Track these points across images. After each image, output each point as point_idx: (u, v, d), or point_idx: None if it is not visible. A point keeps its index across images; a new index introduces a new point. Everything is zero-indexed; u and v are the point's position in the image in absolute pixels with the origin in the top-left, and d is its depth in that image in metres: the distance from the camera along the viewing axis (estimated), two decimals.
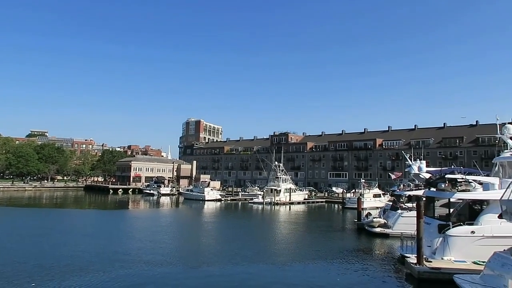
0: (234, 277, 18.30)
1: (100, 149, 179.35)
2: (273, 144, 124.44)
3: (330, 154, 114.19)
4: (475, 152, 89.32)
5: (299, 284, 17.41)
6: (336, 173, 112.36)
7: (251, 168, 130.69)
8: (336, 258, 22.97)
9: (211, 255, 23.45)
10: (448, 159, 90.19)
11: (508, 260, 14.23)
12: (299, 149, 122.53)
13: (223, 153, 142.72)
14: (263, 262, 21.63)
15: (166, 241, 28.26)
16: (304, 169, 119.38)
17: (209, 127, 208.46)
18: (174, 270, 19.13)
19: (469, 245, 18.84)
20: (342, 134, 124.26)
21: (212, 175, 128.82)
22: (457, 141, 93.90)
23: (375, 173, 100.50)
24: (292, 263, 21.69)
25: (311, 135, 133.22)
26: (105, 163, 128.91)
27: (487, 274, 14.86)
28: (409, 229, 23.28)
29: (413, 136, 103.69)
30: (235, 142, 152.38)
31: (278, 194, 68.75)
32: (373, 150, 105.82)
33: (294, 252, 25.40)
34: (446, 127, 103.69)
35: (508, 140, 22.39)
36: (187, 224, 41.94)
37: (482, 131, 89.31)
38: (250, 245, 27.23)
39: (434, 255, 19.53)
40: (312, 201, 76.46)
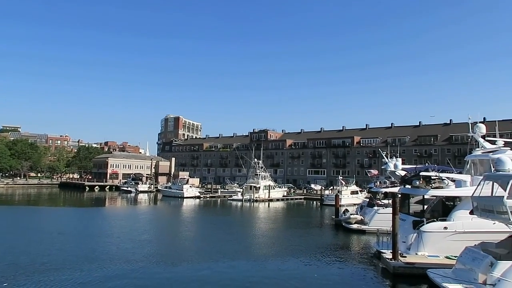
0: (214, 273, 18.30)
1: (75, 145, 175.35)
2: (253, 141, 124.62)
3: (309, 151, 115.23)
4: (448, 150, 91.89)
5: (277, 280, 17.58)
6: (314, 170, 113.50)
7: (231, 165, 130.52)
8: (314, 254, 23.25)
9: (191, 252, 23.38)
10: (423, 156, 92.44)
11: (478, 254, 14.78)
12: (278, 146, 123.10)
13: (202, 150, 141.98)
14: (242, 258, 21.72)
15: (146, 238, 27.97)
16: (283, 166, 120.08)
17: (188, 123, 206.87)
18: (154, 268, 18.98)
19: (442, 241, 19.39)
20: (321, 131, 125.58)
21: (191, 172, 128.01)
22: (431, 139, 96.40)
23: (353, 171, 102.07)
24: (271, 259, 21.85)
25: (291, 133, 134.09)
26: (81, 159, 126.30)
27: (459, 268, 15.39)
28: (385, 225, 23.79)
29: (389, 134, 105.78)
30: (214, 139, 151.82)
31: (257, 191, 69.00)
32: (351, 147, 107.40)
33: (273, 249, 25.58)
34: (422, 126, 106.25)
35: (480, 139, 23.11)
36: (166, 222, 41.62)
37: (456, 129, 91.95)
38: (230, 242, 27.28)
39: (409, 250, 20.02)
40: (291, 198, 77.08)
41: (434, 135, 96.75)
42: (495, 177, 15.17)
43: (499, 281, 12.92)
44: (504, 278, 12.85)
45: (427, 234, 19.75)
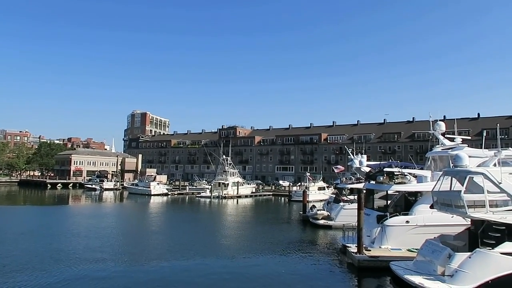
0: (183, 271, 18.16)
1: (36, 141, 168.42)
2: (221, 137, 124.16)
3: (278, 148, 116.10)
4: (411, 147, 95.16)
5: (245, 276, 17.67)
6: (283, 167, 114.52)
7: (199, 162, 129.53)
8: (281, 250, 23.51)
9: (160, 251, 23.03)
10: (388, 153, 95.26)
11: (437, 247, 15.43)
12: (247, 143, 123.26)
13: (170, 147, 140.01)
14: (212, 255, 21.65)
15: (113, 237, 27.30)
16: (252, 163, 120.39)
17: (156, 119, 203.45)
18: (124, 267, 18.61)
19: (404, 234, 20.07)
20: (289, 128, 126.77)
21: (159, 169, 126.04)
22: (395, 136, 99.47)
23: (320, 167, 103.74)
24: (239, 256, 21.92)
25: (259, 129, 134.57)
26: (42, 156, 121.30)
27: (420, 260, 16.01)
28: (351, 220, 24.30)
29: (355, 131, 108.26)
30: (182, 135, 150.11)
31: (226, 188, 68.89)
32: (319, 144, 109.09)
33: (241, 245, 25.65)
34: (386, 123, 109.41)
35: (440, 136, 24.11)
36: (133, 220, 40.79)
37: (418, 127, 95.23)
38: (198, 239, 27.12)
39: (373, 244, 20.57)
40: (259, 194, 77.51)
41: (397, 133, 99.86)
42: (454, 173, 15.87)
43: (456, 272, 13.54)
44: (460, 269, 13.48)
45: (390, 228, 20.38)
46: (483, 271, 13.19)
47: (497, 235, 13.84)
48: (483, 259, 13.39)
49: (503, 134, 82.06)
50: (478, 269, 13.26)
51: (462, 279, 13.29)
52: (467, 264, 13.50)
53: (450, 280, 13.52)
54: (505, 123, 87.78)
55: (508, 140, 77.73)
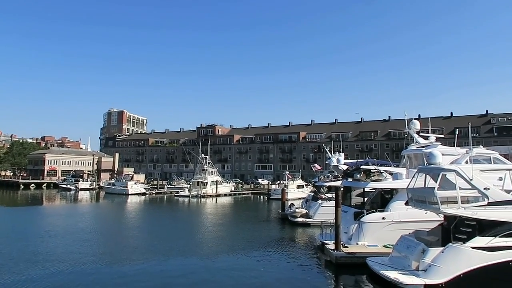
0: (160, 271, 17.99)
1: (8, 140, 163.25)
2: (200, 136, 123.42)
3: (257, 146, 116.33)
4: (387, 145, 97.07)
5: (224, 274, 17.66)
6: (262, 165, 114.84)
7: (177, 161, 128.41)
8: (260, 248, 23.59)
9: (139, 251, 22.73)
10: (365, 151, 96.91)
11: (412, 242, 15.81)
12: (226, 141, 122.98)
13: (147, 145, 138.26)
14: (190, 255, 21.54)
15: (90, 238, 26.72)
16: (231, 161, 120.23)
17: (133, 118, 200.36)
18: (100, 268, 18.30)
19: (380, 230, 20.47)
20: (268, 127, 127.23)
21: (136, 168, 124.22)
22: (372, 134, 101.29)
23: (299, 165, 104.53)
24: (218, 255, 21.89)
25: (238, 128, 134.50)
26: (14, 156, 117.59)
27: (395, 256, 16.36)
28: (329, 217, 24.62)
29: (333, 129, 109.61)
30: (160, 134, 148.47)
31: (205, 187, 68.61)
32: (297, 143, 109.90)
33: (220, 244, 25.61)
34: (363, 122, 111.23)
35: (414, 134, 24.67)
36: (110, 220, 40.09)
37: (394, 126, 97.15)
38: (176, 239, 26.90)
39: (351, 241, 20.92)
40: (238, 193, 77.46)
41: (374, 131, 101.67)
42: (427, 170, 16.29)
43: (429, 267, 13.92)
44: (434, 264, 13.87)
45: (367, 225, 20.76)
46: (455, 265, 13.60)
47: (468, 230, 14.29)
48: (455, 254, 13.81)
49: (474, 133, 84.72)
50: (451, 263, 13.67)
51: (435, 273, 13.68)
52: (440, 258, 13.89)
53: (424, 274, 13.88)
54: (476, 122, 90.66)
55: (480, 138, 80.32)
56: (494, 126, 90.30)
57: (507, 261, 13.58)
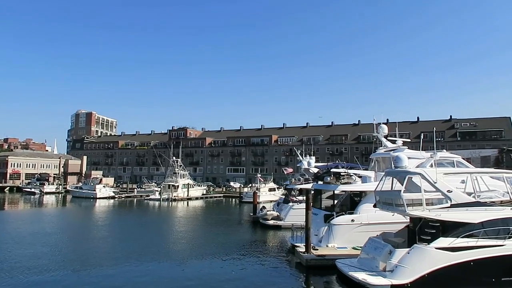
0: (130, 277, 17.60)
1: None
2: (171, 139, 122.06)
3: (229, 149, 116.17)
4: (357, 149, 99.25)
5: (195, 279, 17.48)
6: (234, 168, 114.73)
7: (148, 164, 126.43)
8: (232, 252, 23.52)
9: (106, 256, 22.15)
10: (335, 154, 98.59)
11: (379, 244, 16.18)
12: (198, 144, 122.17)
13: (117, 148, 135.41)
14: (159, 259, 21.17)
15: (54, 244, 25.67)
16: (203, 165, 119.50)
17: (102, 119, 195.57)
18: (69, 275, 17.68)
19: (349, 232, 20.84)
20: (240, 130, 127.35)
21: (105, 171, 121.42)
22: (342, 138, 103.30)
23: (271, 168, 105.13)
24: (189, 259, 21.66)
25: (210, 131, 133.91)
26: None
27: (363, 257, 16.69)
28: (299, 220, 24.80)
29: (305, 133, 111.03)
30: (130, 136, 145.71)
31: (176, 190, 67.93)
32: (269, 146, 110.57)
33: (191, 248, 25.37)
34: (334, 126, 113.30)
35: (382, 138, 25.36)
36: (77, 225, 38.85)
37: (363, 129, 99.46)
38: (146, 243, 26.41)
39: (321, 243, 21.15)
40: (210, 196, 77.20)
41: (344, 135, 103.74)
42: (394, 173, 16.75)
43: (396, 267, 14.29)
44: (400, 264, 14.25)
45: (337, 227, 21.09)
46: (420, 265, 14.02)
47: (433, 231, 14.76)
48: (420, 254, 14.24)
49: (439, 137, 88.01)
50: (416, 263, 14.08)
51: (402, 274, 14.05)
52: (405, 259, 14.29)
53: (391, 275, 14.23)
54: (441, 127, 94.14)
55: (444, 142, 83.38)
56: (457, 131, 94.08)
57: (468, 261, 14.12)
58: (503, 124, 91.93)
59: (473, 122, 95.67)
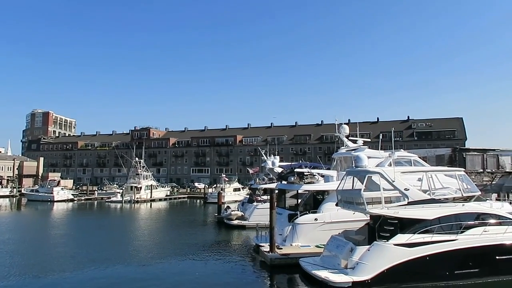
0: (91, 280, 17.05)
1: None
2: (134, 139, 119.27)
3: (193, 150, 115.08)
4: (320, 148, 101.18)
5: (157, 281, 17.18)
6: (198, 169, 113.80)
7: (109, 165, 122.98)
8: (196, 253, 23.32)
9: (67, 261, 21.23)
10: (299, 154, 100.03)
11: (341, 242, 16.59)
12: (161, 144, 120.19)
13: (76, 149, 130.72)
14: (121, 263, 20.65)
15: (13, 250, 24.49)
16: (167, 165, 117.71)
17: (60, 119, 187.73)
18: (27, 281, 16.87)
19: (313, 231, 21.18)
20: (204, 130, 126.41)
21: (64, 173, 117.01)
22: (306, 138, 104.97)
23: (236, 168, 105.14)
24: (152, 261, 21.24)
25: (174, 131, 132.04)
26: None
27: (326, 255, 17.04)
28: (264, 219, 24.92)
29: (269, 133, 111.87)
30: (91, 137, 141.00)
31: (139, 192, 66.55)
32: (234, 146, 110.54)
33: (154, 250, 24.92)
34: (297, 126, 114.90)
35: (344, 138, 26.00)
36: (34, 229, 37.06)
37: (326, 130, 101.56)
38: (107, 246, 25.68)
39: (285, 242, 21.35)
40: (174, 197, 76.32)
41: (308, 135, 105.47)
42: (355, 172, 17.22)
43: (357, 264, 14.70)
44: (361, 261, 14.68)
45: (300, 226, 21.39)
46: (379, 262, 14.50)
47: (391, 228, 15.32)
48: (380, 251, 14.72)
49: (397, 137, 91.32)
50: (376, 260, 14.54)
51: (362, 270, 14.47)
52: (366, 256, 14.73)
53: (352, 272, 14.62)
54: (399, 127, 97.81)
55: (402, 142, 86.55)
56: (414, 131, 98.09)
57: (425, 256, 14.75)
58: (456, 125, 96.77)
59: (429, 123, 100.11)
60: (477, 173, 45.01)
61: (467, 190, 17.26)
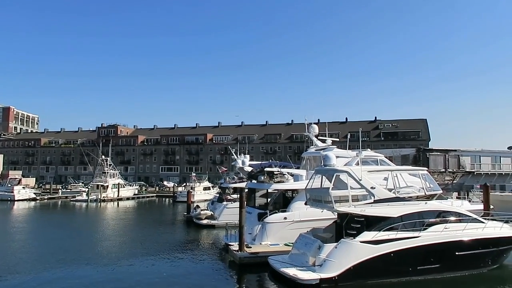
0: (54, 281, 16.48)
1: None
2: (101, 136, 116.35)
3: (162, 148, 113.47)
4: (290, 148, 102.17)
5: (124, 282, 16.84)
6: (168, 167, 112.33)
7: (74, 163, 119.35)
8: (164, 253, 22.99)
9: (29, 263, 20.40)
10: (269, 153, 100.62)
11: (309, 239, 16.82)
12: (129, 142, 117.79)
13: (39, 146, 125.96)
14: (86, 264, 20.03)
15: None
16: (135, 163, 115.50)
17: (22, 115, 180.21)
18: None
19: (282, 230, 21.36)
20: (174, 128, 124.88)
21: (25, 171, 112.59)
22: (276, 137, 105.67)
23: (206, 167, 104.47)
24: (118, 261, 20.76)
25: (143, 128, 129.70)
26: None
27: (294, 253, 17.23)
28: (233, 219, 24.88)
29: (240, 132, 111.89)
30: (55, 134, 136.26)
31: (105, 190, 65.02)
32: (204, 144, 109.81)
33: (121, 250, 24.37)
34: (268, 125, 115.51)
35: (313, 138, 26.36)
36: None
37: (296, 129, 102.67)
38: (72, 247, 24.85)
39: (254, 241, 21.43)
40: (142, 196, 75.06)
41: (278, 134, 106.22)
42: (323, 171, 17.51)
43: (324, 262, 14.95)
44: (328, 259, 14.93)
45: (270, 225, 21.52)
46: (346, 259, 14.81)
47: (358, 226, 15.68)
48: (346, 248, 15.05)
49: (365, 137, 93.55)
50: (342, 257, 14.85)
51: (329, 267, 14.73)
52: (333, 253, 15.01)
53: (320, 269, 14.86)
54: (367, 127, 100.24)
55: (370, 142, 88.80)
56: (381, 132, 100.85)
57: (389, 252, 15.20)
58: (420, 125, 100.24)
59: (395, 124, 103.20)
60: (440, 173, 47.00)
61: (430, 189, 17.95)
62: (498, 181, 47.47)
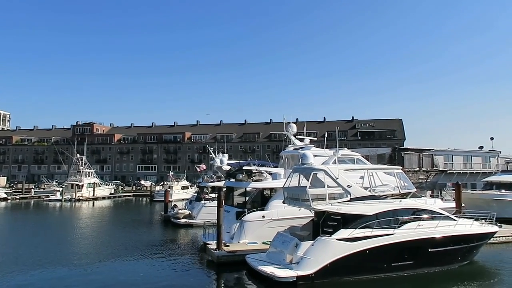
0: (27, 285, 16.03)
1: None
2: (76, 134, 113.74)
3: (139, 146, 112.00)
4: (269, 146, 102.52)
5: (100, 283, 16.54)
6: (145, 166, 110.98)
7: (48, 162, 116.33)
8: (140, 253, 22.69)
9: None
10: (248, 152, 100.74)
11: (287, 237, 16.95)
12: (105, 141, 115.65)
13: (11, 144, 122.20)
14: (61, 265, 19.56)
15: None
16: (111, 162, 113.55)
17: None
18: None
19: (260, 228, 21.43)
20: (152, 126, 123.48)
21: None
22: (255, 136, 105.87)
23: (184, 166, 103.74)
24: (94, 262, 20.35)
25: (119, 127, 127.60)
26: None
27: (272, 251, 17.33)
28: (212, 217, 24.75)
29: (218, 130, 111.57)
30: (27, 132, 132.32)
31: (80, 190, 63.70)
32: (182, 143, 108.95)
33: (96, 251, 23.90)
34: (247, 124, 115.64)
35: (292, 137, 26.55)
36: None
37: (275, 128, 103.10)
38: (46, 248, 24.21)
39: (232, 240, 21.44)
40: (119, 195, 74.00)
41: (257, 133, 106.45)
42: (301, 170, 17.67)
43: (301, 259, 15.11)
44: (305, 256, 15.10)
45: (248, 223, 21.56)
46: (323, 256, 15.01)
47: (334, 224, 15.90)
48: (323, 246, 15.24)
49: (342, 136, 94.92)
50: (319, 254, 15.03)
51: (306, 265, 14.89)
52: (310, 251, 15.18)
53: (297, 267, 15.00)
54: (344, 127, 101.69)
55: (347, 141, 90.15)
56: (358, 131, 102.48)
57: (365, 250, 15.48)
58: (396, 125, 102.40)
59: (372, 123, 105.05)
60: (414, 171, 48.16)
61: (404, 187, 18.37)
62: (469, 179, 48.98)
